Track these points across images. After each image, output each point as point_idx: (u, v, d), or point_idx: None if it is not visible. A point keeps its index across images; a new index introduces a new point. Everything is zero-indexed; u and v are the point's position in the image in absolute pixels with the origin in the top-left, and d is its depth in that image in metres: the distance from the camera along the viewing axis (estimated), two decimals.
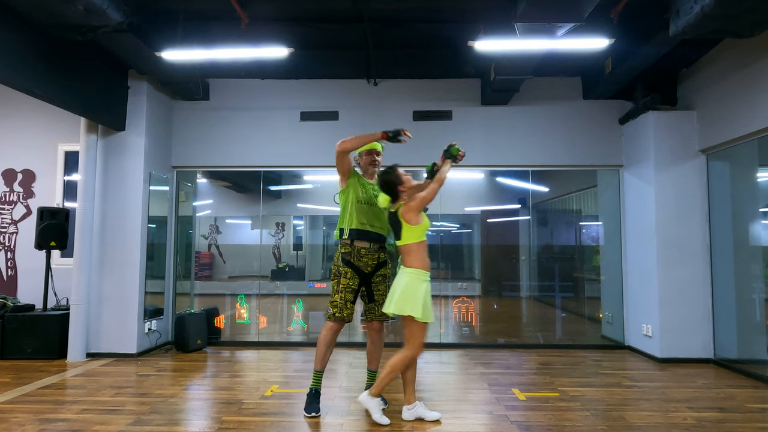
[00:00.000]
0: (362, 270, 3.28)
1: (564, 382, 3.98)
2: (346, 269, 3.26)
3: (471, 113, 5.48)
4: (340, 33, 4.89)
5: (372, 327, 3.44)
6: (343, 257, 3.29)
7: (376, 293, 3.34)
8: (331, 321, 3.26)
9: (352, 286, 3.25)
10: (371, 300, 3.35)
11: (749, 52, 4.11)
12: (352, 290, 3.25)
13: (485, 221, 6.03)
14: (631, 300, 5.23)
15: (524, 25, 3.58)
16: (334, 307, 3.24)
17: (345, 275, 3.25)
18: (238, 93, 5.58)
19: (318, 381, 3.29)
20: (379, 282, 3.36)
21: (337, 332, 3.28)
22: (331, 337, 3.27)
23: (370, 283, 3.33)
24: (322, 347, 3.27)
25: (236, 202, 6.32)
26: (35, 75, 3.79)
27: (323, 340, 3.26)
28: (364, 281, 3.31)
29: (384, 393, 3.23)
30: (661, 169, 4.82)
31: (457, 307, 5.64)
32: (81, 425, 2.99)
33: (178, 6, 4.26)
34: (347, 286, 3.23)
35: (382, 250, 3.38)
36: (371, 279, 3.33)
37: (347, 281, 3.24)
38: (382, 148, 3.47)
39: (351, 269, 3.25)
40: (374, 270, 3.33)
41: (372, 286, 3.34)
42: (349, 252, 3.27)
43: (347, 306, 3.22)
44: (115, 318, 4.82)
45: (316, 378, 3.29)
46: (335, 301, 3.25)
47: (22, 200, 5.50)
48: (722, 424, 3.05)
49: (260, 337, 5.56)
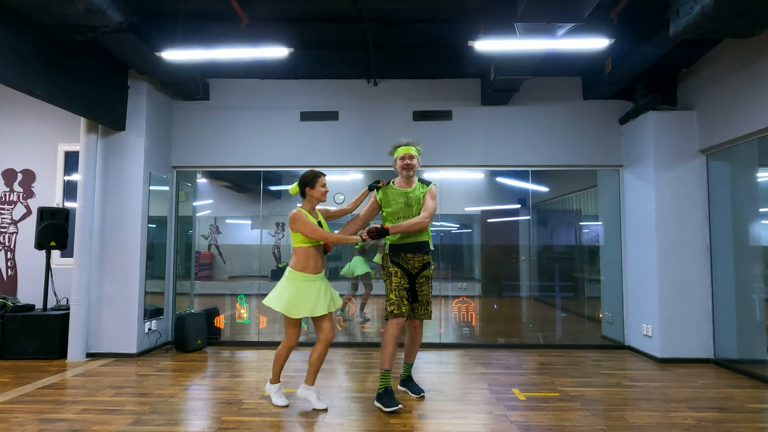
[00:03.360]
0: (410, 271, 3.42)
1: (564, 382, 3.98)
2: (396, 269, 3.39)
3: (471, 113, 5.48)
4: (340, 33, 4.89)
5: (413, 324, 3.57)
6: (391, 258, 3.43)
7: (420, 293, 3.47)
8: (390, 318, 3.32)
9: (404, 284, 3.37)
10: (414, 300, 3.47)
11: (749, 52, 4.11)
12: (404, 288, 3.37)
13: (485, 221, 6.03)
14: (631, 300, 5.23)
15: (524, 25, 3.58)
16: (391, 305, 3.33)
17: (395, 275, 3.37)
18: (238, 93, 5.58)
19: (387, 379, 3.31)
20: (423, 283, 3.48)
21: (399, 328, 3.32)
22: (395, 334, 3.31)
23: (415, 284, 3.45)
24: (389, 347, 3.30)
25: (236, 202, 6.32)
26: (35, 75, 3.79)
27: (389, 339, 3.30)
28: (410, 281, 3.44)
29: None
30: (661, 169, 4.82)
31: (457, 307, 5.64)
32: (81, 425, 2.99)
33: (178, 6, 4.26)
34: (399, 284, 3.35)
35: (427, 252, 3.48)
36: (416, 280, 3.45)
37: (398, 280, 3.36)
38: (417, 152, 3.48)
39: (401, 270, 3.39)
40: (420, 271, 3.45)
41: (417, 286, 3.46)
42: (398, 254, 3.41)
43: (403, 302, 3.32)
44: (115, 318, 4.82)
45: (385, 377, 3.32)
46: (391, 299, 3.34)
47: (22, 200, 5.50)
48: (722, 424, 3.05)
49: (260, 337, 5.56)
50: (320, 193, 3.30)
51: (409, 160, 3.43)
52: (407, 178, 3.48)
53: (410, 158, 3.43)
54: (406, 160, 3.43)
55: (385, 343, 3.32)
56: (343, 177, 5.67)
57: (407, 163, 3.43)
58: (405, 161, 3.43)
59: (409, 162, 3.43)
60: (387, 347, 3.31)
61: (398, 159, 3.48)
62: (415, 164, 3.46)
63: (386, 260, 3.48)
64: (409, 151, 3.45)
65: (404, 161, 3.43)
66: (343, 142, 5.45)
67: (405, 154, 3.44)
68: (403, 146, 3.48)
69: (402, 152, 3.46)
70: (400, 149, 3.48)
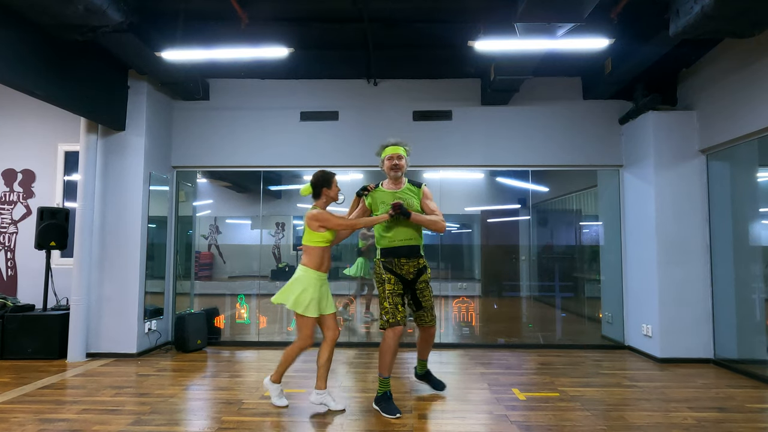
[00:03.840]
0: (405, 278, 3.33)
1: (564, 382, 3.98)
2: (389, 275, 3.30)
3: (471, 113, 5.48)
4: (340, 33, 4.89)
5: (427, 332, 3.52)
6: (384, 265, 3.34)
7: (422, 300, 3.39)
8: (387, 328, 3.23)
9: (398, 290, 3.28)
10: (419, 307, 3.40)
11: (749, 52, 4.11)
12: (399, 294, 3.28)
13: (485, 221, 6.02)
14: (631, 300, 5.23)
15: (524, 25, 3.58)
16: (386, 314, 3.24)
17: (389, 281, 3.29)
18: (238, 93, 5.58)
19: (387, 385, 3.27)
20: (424, 288, 3.40)
21: (398, 337, 3.23)
22: (393, 345, 3.22)
23: (415, 290, 3.37)
24: (387, 356, 3.22)
25: (236, 202, 6.31)
26: (35, 75, 3.79)
27: (386, 350, 3.22)
28: (407, 288, 3.35)
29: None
30: (661, 169, 4.82)
31: (457, 307, 5.64)
32: (81, 425, 2.99)
33: (178, 6, 4.26)
34: (393, 291, 3.27)
35: (420, 256, 3.39)
36: (415, 286, 3.37)
37: (392, 286, 3.28)
38: (405, 152, 3.42)
39: (394, 276, 3.31)
40: (416, 277, 3.36)
41: (417, 293, 3.38)
42: (390, 260, 3.33)
43: (398, 309, 3.23)
44: (115, 318, 4.82)
45: (383, 383, 3.27)
46: (385, 307, 3.26)
47: (22, 200, 5.50)
48: (722, 424, 3.05)
49: (260, 337, 5.56)
50: (335, 193, 3.31)
51: (398, 161, 3.34)
52: (395, 179, 3.41)
53: (398, 158, 3.35)
54: (394, 160, 3.35)
55: (382, 353, 3.24)
56: (343, 177, 5.65)
57: (395, 163, 3.34)
58: (393, 161, 3.35)
59: (398, 162, 3.34)
60: (385, 357, 3.23)
61: (386, 159, 3.39)
62: (404, 165, 3.37)
63: (378, 267, 3.37)
64: (397, 151, 3.37)
65: (392, 161, 3.35)
66: (343, 142, 5.45)
67: (393, 154, 3.36)
68: (390, 146, 3.40)
69: (390, 152, 3.38)
70: (387, 149, 3.40)
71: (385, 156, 3.41)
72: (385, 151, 3.43)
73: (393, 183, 3.44)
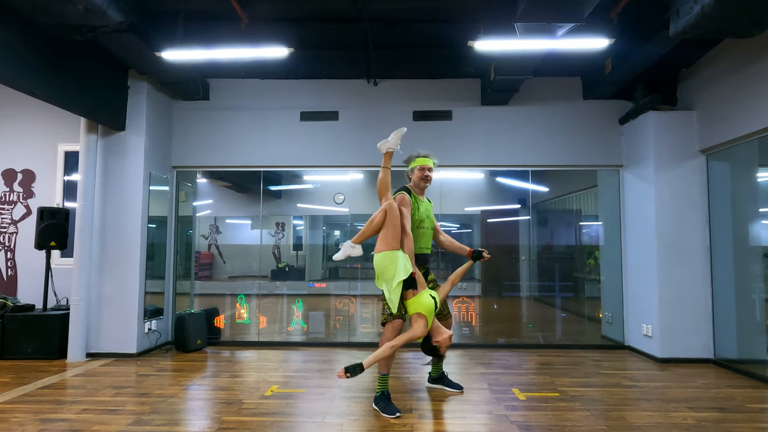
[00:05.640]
0: None
1: (564, 382, 3.98)
2: None
3: (471, 113, 5.48)
4: (340, 33, 4.89)
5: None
6: None
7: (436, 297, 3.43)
8: (388, 322, 3.29)
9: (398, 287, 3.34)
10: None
11: (749, 52, 4.11)
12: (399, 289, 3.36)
13: (485, 221, 6.02)
14: (631, 300, 5.23)
15: (524, 25, 3.59)
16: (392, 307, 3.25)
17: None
18: (238, 93, 5.58)
19: (385, 383, 3.31)
20: (433, 287, 3.57)
21: (397, 332, 3.28)
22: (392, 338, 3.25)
23: None
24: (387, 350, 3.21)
25: (236, 202, 6.31)
26: (35, 75, 3.79)
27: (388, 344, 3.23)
28: None
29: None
30: (661, 169, 4.82)
31: (457, 307, 5.64)
32: (81, 425, 2.99)
33: (178, 6, 4.26)
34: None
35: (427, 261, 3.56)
36: None
37: None
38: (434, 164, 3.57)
39: None
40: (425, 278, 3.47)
41: None
42: None
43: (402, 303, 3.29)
44: (115, 318, 4.82)
45: (382, 381, 3.31)
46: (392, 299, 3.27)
47: (22, 200, 5.50)
48: (722, 424, 3.05)
49: (260, 337, 5.56)
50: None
51: (429, 172, 3.54)
52: (422, 190, 3.59)
53: (429, 170, 3.55)
54: (426, 171, 3.54)
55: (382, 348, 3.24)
56: (343, 177, 5.68)
57: (427, 175, 3.54)
58: (425, 173, 3.54)
59: (429, 174, 3.55)
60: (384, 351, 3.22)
61: (417, 169, 3.55)
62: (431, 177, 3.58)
63: None
64: (429, 163, 3.55)
65: (424, 172, 3.54)
66: (343, 142, 5.45)
67: (425, 166, 3.54)
68: (422, 157, 3.56)
69: (422, 163, 3.54)
70: (419, 159, 3.55)
71: (417, 166, 3.56)
72: (416, 161, 3.56)
73: (420, 192, 3.59)
